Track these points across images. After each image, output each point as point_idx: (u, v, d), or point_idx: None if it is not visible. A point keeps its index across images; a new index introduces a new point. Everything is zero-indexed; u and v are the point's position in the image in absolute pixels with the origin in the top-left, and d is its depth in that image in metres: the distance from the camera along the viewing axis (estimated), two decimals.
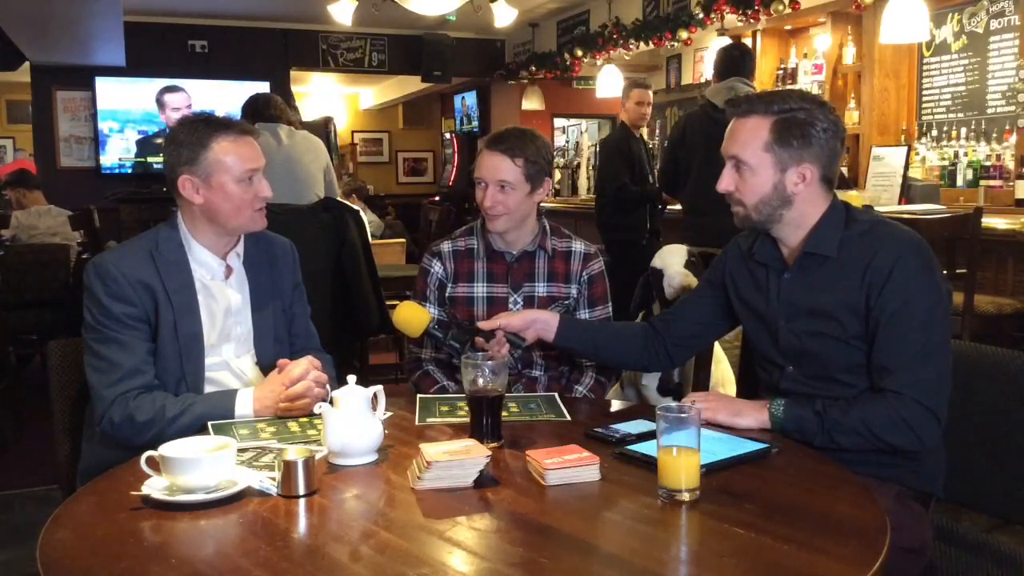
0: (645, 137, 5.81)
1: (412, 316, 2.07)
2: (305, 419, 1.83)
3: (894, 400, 1.66)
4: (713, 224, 4.18)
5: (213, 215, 1.95)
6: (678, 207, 4.85)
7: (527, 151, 2.22)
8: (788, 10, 5.38)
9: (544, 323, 2.07)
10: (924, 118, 5.71)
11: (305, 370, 1.84)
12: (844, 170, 5.35)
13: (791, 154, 1.76)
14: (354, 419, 1.59)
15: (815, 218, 1.81)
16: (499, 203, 2.22)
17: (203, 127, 1.93)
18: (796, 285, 1.83)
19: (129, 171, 8.65)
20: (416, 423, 1.85)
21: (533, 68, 8.66)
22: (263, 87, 8.44)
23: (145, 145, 8.64)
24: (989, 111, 5.33)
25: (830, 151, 1.78)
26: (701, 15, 6.01)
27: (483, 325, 2.03)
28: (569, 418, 1.87)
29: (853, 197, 3.68)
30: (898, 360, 1.68)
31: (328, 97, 11.92)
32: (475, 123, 10.59)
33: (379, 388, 1.65)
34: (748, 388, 2.27)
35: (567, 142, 10.52)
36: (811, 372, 1.80)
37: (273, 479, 1.45)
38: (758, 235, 1.91)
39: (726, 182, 1.83)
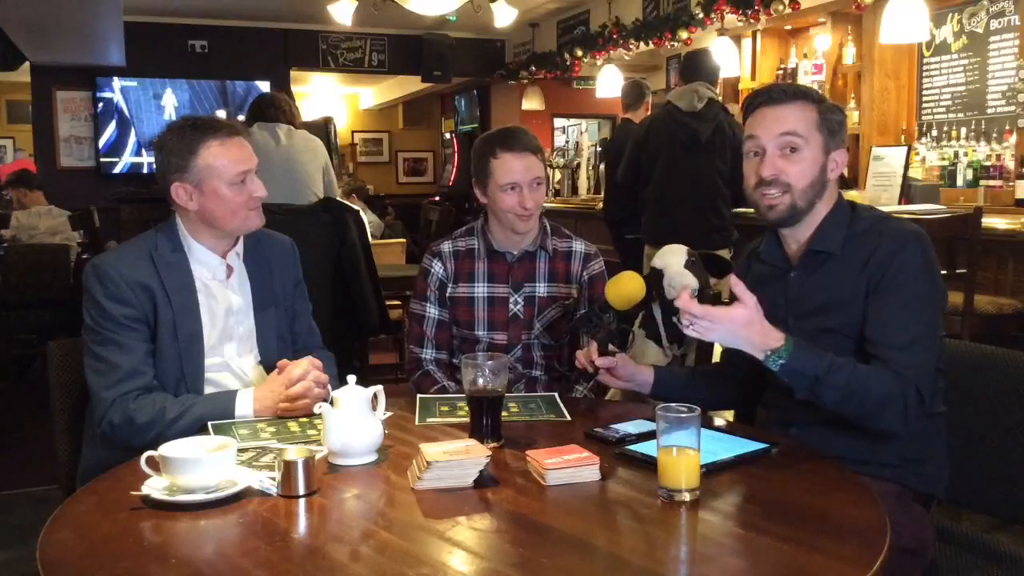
0: None
1: (637, 288, 2.01)
2: (305, 419, 1.83)
3: (901, 379, 1.64)
4: (674, 222, 4.29)
5: (209, 219, 1.94)
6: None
7: (539, 145, 2.27)
8: (788, 10, 5.38)
9: (640, 384, 1.99)
10: (924, 118, 5.71)
11: (305, 370, 1.84)
12: (844, 170, 5.36)
13: (834, 139, 1.80)
14: (354, 419, 1.58)
15: (823, 214, 1.82)
16: (536, 202, 2.23)
17: (190, 132, 1.91)
18: (802, 283, 1.84)
19: (129, 171, 8.65)
20: (416, 423, 1.85)
21: (533, 68, 8.65)
22: (263, 87, 8.48)
23: (145, 145, 8.64)
24: (989, 111, 5.33)
25: (845, 141, 1.83)
26: (701, 15, 6.01)
27: (599, 362, 1.93)
28: (569, 418, 1.87)
29: (853, 197, 3.68)
30: (898, 342, 1.67)
31: (328, 97, 11.91)
32: (475, 123, 10.59)
33: (379, 388, 1.65)
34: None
35: (567, 142, 10.51)
36: None
37: (273, 479, 1.45)
38: (764, 235, 1.91)
39: (770, 168, 1.78)
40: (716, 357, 2.46)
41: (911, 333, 1.67)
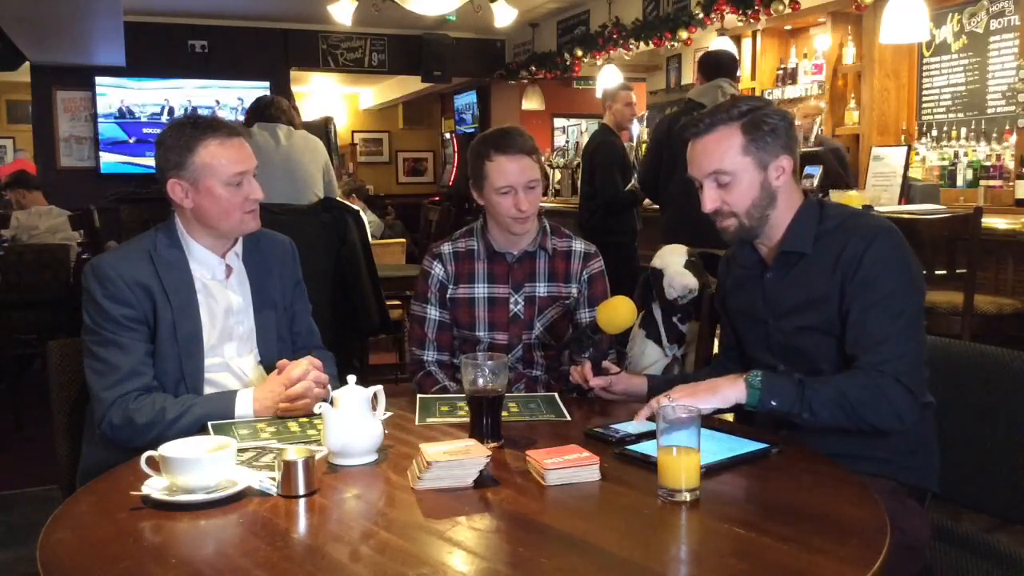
0: (634, 138, 5.88)
1: (629, 315, 2.00)
2: (305, 419, 1.83)
3: (877, 377, 1.66)
4: (695, 220, 4.22)
5: (203, 218, 1.94)
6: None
7: (534, 146, 2.26)
8: (788, 10, 5.39)
9: (636, 396, 2.00)
10: (924, 118, 5.71)
11: (305, 370, 1.84)
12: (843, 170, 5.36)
13: (768, 150, 1.79)
14: (354, 419, 1.58)
15: (790, 215, 1.84)
16: (533, 204, 2.23)
17: (190, 130, 1.92)
18: (778, 284, 1.86)
19: (129, 171, 8.65)
20: (416, 423, 1.85)
21: (533, 68, 8.66)
22: (263, 87, 8.47)
23: (146, 145, 8.65)
24: (989, 111, 5.33)
25: (792, 139, 1.83)
26: (701, 15, 6.02)
27: (594, 382, 1.96)
28: (569, 418, 1.87)
29: (853, 197, 3.67)
30: (873, 338, 1.69)
31: (328, 97, 11.92)
32: (475, 123, 10.59)
33: (379, 388, 1.65)
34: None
35: (567, 142, 10.51)
36: (801, 368, 1.81)
37: (273, 479, 1.45)
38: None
39: (711, 201, 1.83)
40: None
41: (887, 328, 1.68)
